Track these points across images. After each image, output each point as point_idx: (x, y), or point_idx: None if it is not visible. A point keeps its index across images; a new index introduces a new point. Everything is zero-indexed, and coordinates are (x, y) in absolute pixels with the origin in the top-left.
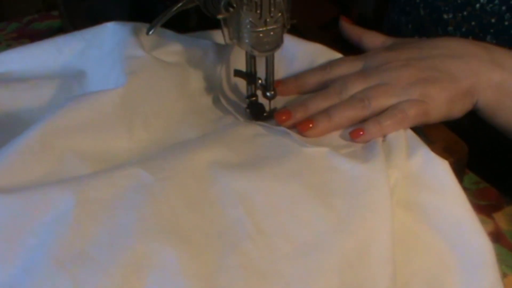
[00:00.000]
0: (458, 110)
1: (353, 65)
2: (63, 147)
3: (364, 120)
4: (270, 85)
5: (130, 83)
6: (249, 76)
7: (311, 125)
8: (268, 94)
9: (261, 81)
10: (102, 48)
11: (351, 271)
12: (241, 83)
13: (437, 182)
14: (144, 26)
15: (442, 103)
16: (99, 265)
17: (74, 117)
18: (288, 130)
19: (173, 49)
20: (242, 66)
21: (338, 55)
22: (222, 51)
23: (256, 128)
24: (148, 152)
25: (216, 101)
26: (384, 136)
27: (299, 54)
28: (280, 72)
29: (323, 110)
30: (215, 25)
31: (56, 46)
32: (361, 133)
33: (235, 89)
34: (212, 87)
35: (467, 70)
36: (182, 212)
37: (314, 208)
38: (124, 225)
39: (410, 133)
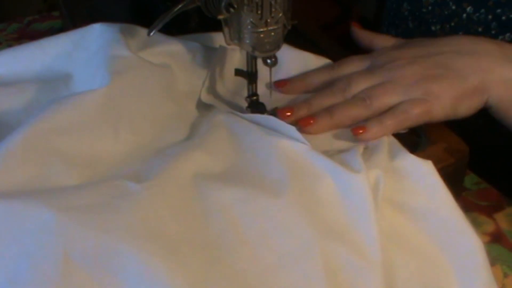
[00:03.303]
0: (465, 108)
1: (360, 63)
2: (47, 150)
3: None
4: None
5: (113, 83)
6: (250, 75)
7: (312, 121)
8: (268, 61)
9: None
10: (89, 50)
11: (338, 280)
12: (236, 83)
13: (423, 184)
14: (132, 28)
15: (447, 101)
16: (84, 274)
17: (58, 119)
18: (273, 117)
19: (160, 50)
20: (232, 70)
21: (328, 62)
22: (210, 54)
23: (239, 125)
24: (135, 155)
25: (202, 104)
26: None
27: (287, 60)
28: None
29: (326, 107)
30: (216, 26)
31: (42, 48)
32: (361, 131)
33: (226, 91)
34: (199, 90)
35: (476, 66)
36: (167, 222)
37: (297, 217)
38: (110, 231)
39: (392, 139)
